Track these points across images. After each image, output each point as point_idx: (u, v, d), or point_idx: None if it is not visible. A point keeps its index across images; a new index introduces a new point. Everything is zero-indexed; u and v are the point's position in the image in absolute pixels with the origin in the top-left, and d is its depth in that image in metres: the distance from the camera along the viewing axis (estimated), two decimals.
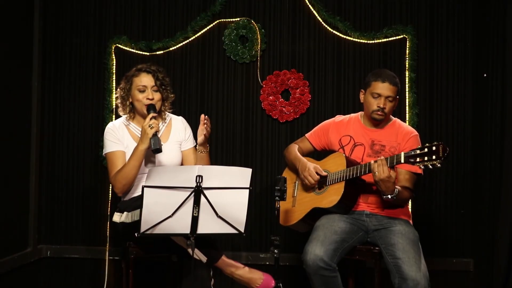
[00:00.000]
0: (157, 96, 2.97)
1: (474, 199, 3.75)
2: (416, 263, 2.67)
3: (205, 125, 2.89)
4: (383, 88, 2.94)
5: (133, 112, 3.03)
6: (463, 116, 3.80)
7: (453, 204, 3.80)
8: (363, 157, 2.99)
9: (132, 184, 2.90)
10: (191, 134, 3.12)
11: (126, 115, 3.05)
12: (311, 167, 3.01)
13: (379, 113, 2.96)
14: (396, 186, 2.78)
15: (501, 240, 3.31)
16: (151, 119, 2.83)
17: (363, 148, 3.01)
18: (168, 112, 3.11)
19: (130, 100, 2.99)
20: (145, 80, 2.96)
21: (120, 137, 2.96)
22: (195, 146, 3.08)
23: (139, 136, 2.93)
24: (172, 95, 3.08)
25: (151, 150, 2.81)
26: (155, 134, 2.81)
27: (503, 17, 3.44)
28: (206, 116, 2.91)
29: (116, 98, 3.07)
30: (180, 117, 3.16)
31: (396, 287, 2.69)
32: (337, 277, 2.77)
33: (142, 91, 2.95)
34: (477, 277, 3.70)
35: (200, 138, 2.93)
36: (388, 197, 2.75)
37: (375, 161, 2.73)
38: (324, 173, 2.99)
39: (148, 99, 2.94)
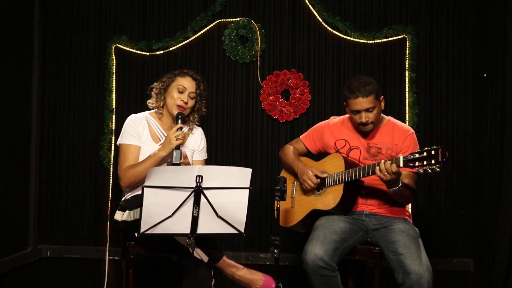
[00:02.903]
0: (191, 103, 2.99)
1: (474, 199, 3.75)
2: (418, 257, 2.66)
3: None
4: (357, 104, 2.86)
5: (163, 107, 3.03)
6: (463, 116, 3.80)
7: (453, 204, 3.80)
8: (359, 159, 2.97)
9: (140, 183, 2.90)
10: (205, 147, 3.15)
11: (151, 111, 3.06)
12: (310, 171, 3.00)
13: (365, 127, 2.92)
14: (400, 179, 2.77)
15: (501, 240, 3.30)
16: (177, 129, 2.84)
17: (359, 151, 2.98)
18: (196, 124, 3.12)
19: (166, 96, 3.00)
20: (188, 84, 2.98)
21: (139, 132, 2.97)
22: (205, 159, 3.14)
23: (159, 136, 2.98)
24: (204, 109, 3.09)
25: (171, 163, 2.81)
26: (178, 147, 2.82)
27: (503, 17, 3.43)
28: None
29: (151, 89, 3.07)
30: (200, 128, 3.16)
31: (399, 282, 2.67)
32: (336, 277, 2.77)
33: (180, 92, 2.97)
34: (477, 277, 3.70)
35: None
36: (394, 189, 2.74)
37: (378, 166, 2.70)
38: (324, 175, 2.99)
39: (182, 100, 2.95)
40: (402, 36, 3.79)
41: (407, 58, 3.77)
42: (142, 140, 2.96)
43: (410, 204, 3.37)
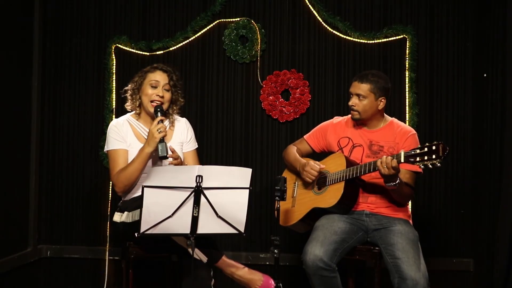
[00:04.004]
0: (167, 95, 2.97)
1: (474, 199, 3.75)
2: (415, 263, 2.67)
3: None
4: (352, 86, 2.98)
5: (140, 107, 3.01)
6: (463, 116, 3.80)
7: (453, 204, 3.80)
8: (362, 158, 2.99)
9: (134, 185, 2.90)
10: (193, 136, 3.13)
11: (131, 112, 3.05)
12: (311, 161, 3.02)
13: (352, 112, 2.98)
14: (399, 176, 2.77)
15: (501, 240, 3.31)
16: (158, 122, 2.83)
17: (362, 149, 3.01)
18: (177, 115, 3.11)
19: (140, 95, 2.99)
20: (159, 77, 2.96)
21: (123, 135, 2.95)
22: (196, 149, 3.11)
23: (144, 135, 2.95)
24: (182, 100, 3.08)
25: (158, 157, 2.80)
26: (162, 140, 2.81)
27: (503, 17, 3.43)
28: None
29: (126, 91, 3.05)
30: (184, 119, 3.15)
31: (395, 287, 2.69)
32: (336, 277, 2.77)
33: (153, 87, 2.95)
34: (477, 277, 3.70)
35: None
36: (391, 184, 2.74)
37: (381, 161, 2.71)
38: (322, 166, 3.00)
39: (158, 95, 2.94)
40: (402, 36, 3.78)
41: (407, 58, 3.77)
42: (128, 144, 2.95)
43: (410, 205, 3.37)
